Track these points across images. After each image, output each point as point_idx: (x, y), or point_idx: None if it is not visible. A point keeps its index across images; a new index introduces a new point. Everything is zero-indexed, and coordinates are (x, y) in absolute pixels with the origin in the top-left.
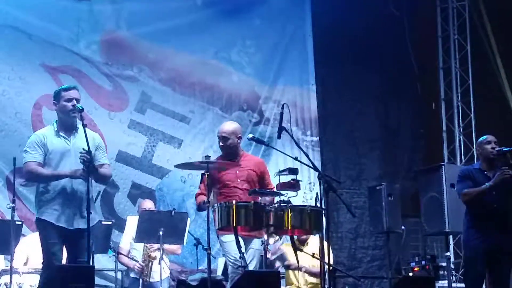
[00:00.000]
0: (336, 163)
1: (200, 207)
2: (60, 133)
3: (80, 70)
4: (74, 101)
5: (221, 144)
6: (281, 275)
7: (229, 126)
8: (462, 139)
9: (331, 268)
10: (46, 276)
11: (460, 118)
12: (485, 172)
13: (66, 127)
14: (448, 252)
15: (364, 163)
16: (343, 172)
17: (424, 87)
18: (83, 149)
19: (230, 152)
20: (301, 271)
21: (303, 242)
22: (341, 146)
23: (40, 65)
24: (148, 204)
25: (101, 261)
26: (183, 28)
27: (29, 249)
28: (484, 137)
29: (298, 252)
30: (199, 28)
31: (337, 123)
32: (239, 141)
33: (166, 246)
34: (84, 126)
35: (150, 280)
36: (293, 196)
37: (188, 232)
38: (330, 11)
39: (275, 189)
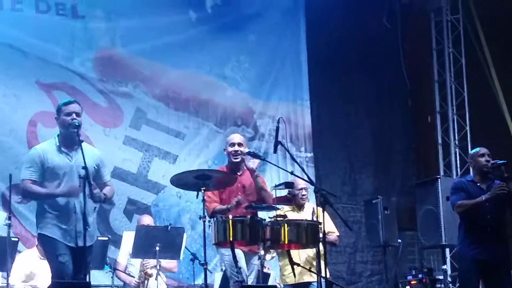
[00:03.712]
0: (332, 179)
1: (214, 214)
2: (62, 149)
3: (75, 87)
4: (74, 115)
5: (235, 150)
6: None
7: (240, 135)
8: (457, 152)
9: (328, 281)
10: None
11: (456, 131)
12: (478, 184)
13: (68, 142)
14: (445, 265)
15: (359, 178)
16: (339, 187)
17: (419, 101)
18: (82, 167)
19: (239, 162)
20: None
21: (300, 207)
22: (336, 161)
23: (35, 82)
24: (147, 220)
25: (97, 277)
26: (178, 44)
27: (25, 265)
28: (477, 149)
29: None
30: (193, 44)
31: (332, 138)
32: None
33: (163, 264)
34: (81, 142)
35: None
36: (288, 210)
37: (185, 247)
38: (324, 26)
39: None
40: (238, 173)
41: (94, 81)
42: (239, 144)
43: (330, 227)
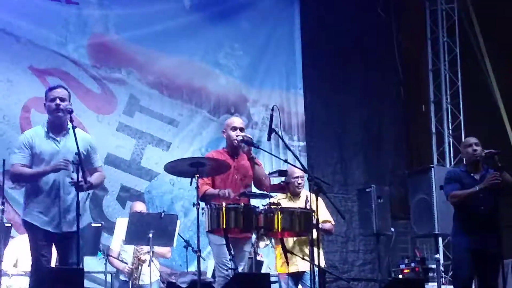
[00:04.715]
0: (323, 168)
1: (205, 197)
2: (50, 135)
3: (68, 73)
4: (58, 100)
5: (238, 134)
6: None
7: (242, 120)
8: (451, 141)
9: (321, 270)
10: (35, 278)
11: (450, 121)
12: (472, 174)
13: (55, 127)
14: (438, 254)
15: (350, 167)
16: (330, 177)
17: (413, 90)
18: (75, 153)
19: (237, 146)
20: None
21: (296, 195)
22: (328, 151)
23: (28, 67)
24: (139, 207)
25: (90, 263)
26: (172, 31)
27: (18, 251)
28: (466, 139)
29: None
30: (187, 31)
31: (324, 127)
32: None
33: (156, 250)
34: (74, 128)
35: (140, 283)
36: (282, 198)
37: (178, 234)
38: (318, 14)
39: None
40: (236, 157)
41: (88, 67)
42: (241, 129)
43: (325, 216)
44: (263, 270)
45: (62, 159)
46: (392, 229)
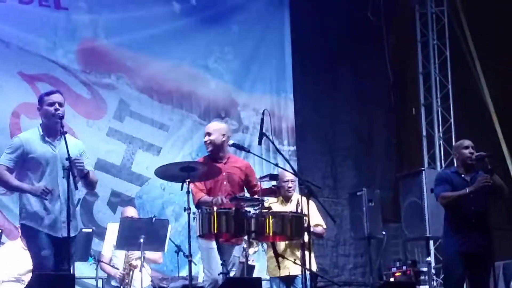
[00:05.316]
0: (313, 172)
1: (199, 205)
2: (46, 139)
3: (58, 78)
4: (57, 105)
5: (204, 140)
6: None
7: (215, 123)
8: (442, 144)
9: (313, 274)
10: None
11: (440, 123)
12: (463, 176)
13: (51, 132)
14: (429, 257)
15: (341, 171)
16: (320, 181)
17: (403, 93)
18: (66, 158)
19: (214, 150)
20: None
21: (287, 199)
22: (318, 155)
23: (18, 73)
24: (130, 212)
25: (81, 269)
26: (162, 35)
27: (8, 257)
28: (461, 141)
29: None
30: (177, 36)
31: (313, 132)
32: (224, 140)
33: (147, 255)
34: (64, 133)
35: None
36: (274, 202)
37: (169, 239)
38: (308, 18)
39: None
40: (221, 162)
41: (77, 72)
42: (207, 134)
43: (317, 220)
44: (255, 275)
45: (44, 188)
46: (383, 232)
